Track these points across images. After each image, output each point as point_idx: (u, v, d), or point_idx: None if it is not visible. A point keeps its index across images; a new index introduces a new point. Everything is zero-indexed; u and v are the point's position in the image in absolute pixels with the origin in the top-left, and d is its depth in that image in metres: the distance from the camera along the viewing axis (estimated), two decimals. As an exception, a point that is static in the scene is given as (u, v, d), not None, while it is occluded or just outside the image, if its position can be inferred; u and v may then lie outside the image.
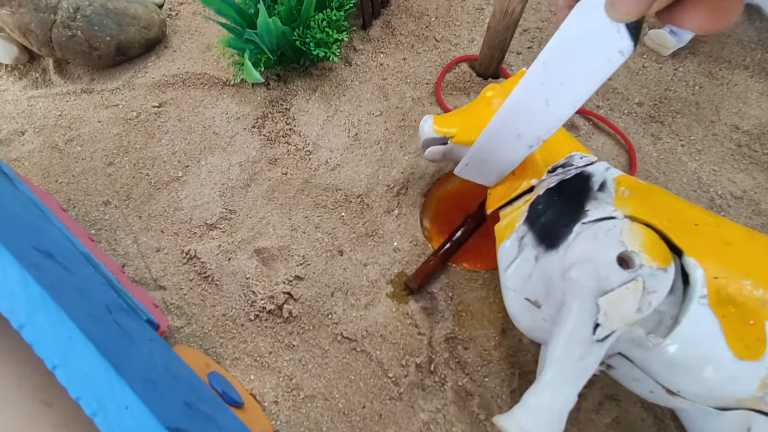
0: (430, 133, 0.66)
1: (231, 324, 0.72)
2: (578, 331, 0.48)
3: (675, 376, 0.50)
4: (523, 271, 0.58)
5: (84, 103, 0.88)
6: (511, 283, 0.59)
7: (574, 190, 0.57)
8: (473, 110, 0.65)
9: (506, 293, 0.60)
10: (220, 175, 0.81)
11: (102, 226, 0.79)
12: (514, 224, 0.60)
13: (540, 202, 0.58)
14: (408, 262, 0.74)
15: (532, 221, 0.58)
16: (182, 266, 0.75)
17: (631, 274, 0.46)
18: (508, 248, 0.60)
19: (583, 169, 0.59)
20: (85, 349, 0.32)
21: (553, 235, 0.55)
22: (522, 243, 0.58)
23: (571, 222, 0.54)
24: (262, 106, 0.85)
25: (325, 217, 0.77)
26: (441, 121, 0.66)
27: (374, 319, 0.71)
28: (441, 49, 0.89)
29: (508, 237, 0.60)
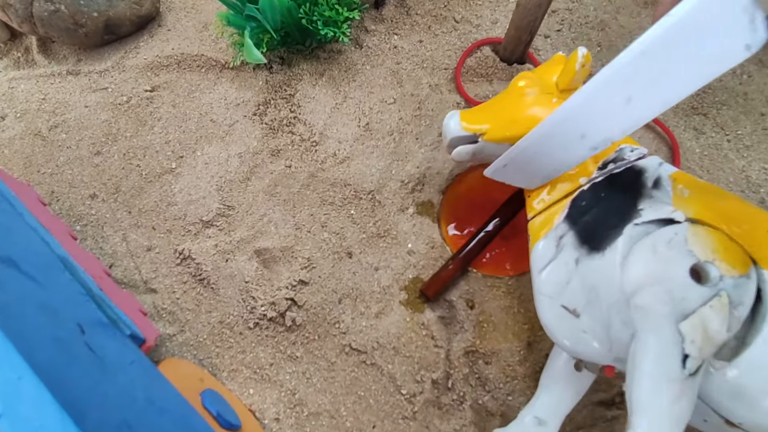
0: (457, 131, 0.58)
1: (228, 332, 0.65)
2: (665, 368, 0.40)
3: (738, 405, 0.43)
4: (560, 275, 0.51)
5: (70, 86, 0.81)
6: (545, 288, 0.52)
7: (625, 186, 0.49)
8: (505, 102, 0.58)
9: (539, 299, 0.53)
10: (217, 167, 0.74)
11: (88, 222, 0.72)
12: (551, 221, 0.53)
13: (584, 198, 0.51)
14: (424, 267, 0.67)
15: (573, 219, 0.51)
16: (175, 267, 0.69)
17: (712, 289, 0.39)
18: (543, 248, 0.53)
19: (634, 163, 0.51)
20: (38, 394, 0.26)
21: (598, 236, 0.48)
22: (560, 243, 0.51)
23: (620, 222, 0.47)
24: (264, 92, 0.78)
25: (333, 216, 0.70)
26: (469, 117, 0.59)
27: (386, 329, 0.64)
28: (461, 31, 0.81)
29: (544, 236, 0.53)
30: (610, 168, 0.52)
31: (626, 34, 0.80)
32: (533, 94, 0.56)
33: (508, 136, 0.56)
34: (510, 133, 0.56)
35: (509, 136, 0.56)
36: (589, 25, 0.81)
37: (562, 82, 0.54)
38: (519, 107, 0.56)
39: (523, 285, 0.66)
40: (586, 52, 0.51)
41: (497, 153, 0.57)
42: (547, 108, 0.55)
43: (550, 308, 0.52)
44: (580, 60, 0.51)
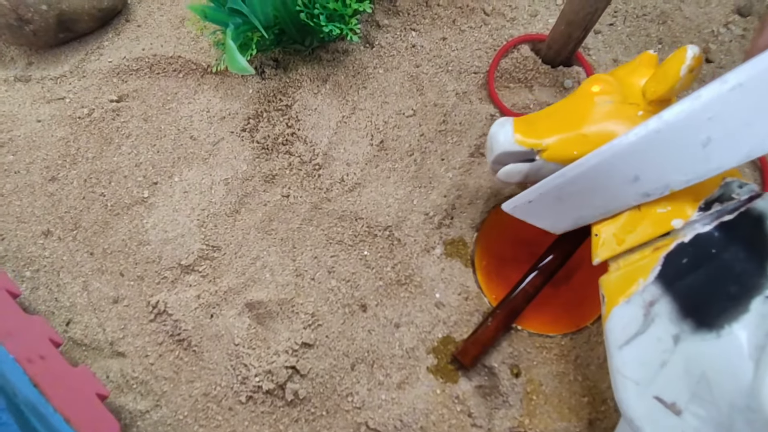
0: (509, 145, 0.45)
1: (215, 407, 0.53)
2: None
3: None
4: (652, 356, 0.39)
5: (18, 96, 0.67)
6: (630, 371, 0.40)
7: (743, 240, 0.37)
8: (572, 112, 0.45)
9: (621, 383, 0.41)
10: (199, 197, 0.60)
11: (40, 266, 0.58)
12: (635, 280, 0.40)
13: (685, 254, 0.38)
14: (456, 323, 0.55)
15: (669, 281, 0.38)
16: (148, 324, 0.56)
17: None
18: (625, 316, 0.40)
19: (748, 205, 0.38)
20: None
21: (709, 309, 0.36)
22: (651, 312, 0.39)
23: (743, 292, 0.35)
24: (254, 103, 0.64)
25: (342, 258, 0.57)
26: (526, 128, 0.46)
27: (411, 403, 0.52)
28: (492, 26, 0.67)
29: (626, 298, 0.41)
30: (715, 209, 0.39)
31: (693, 28, 0.66)
32: (610, 103, 0.43)
33: (575, 156, 0.43)
34: (579, 151, 0.43)
35: (577, 156, 0.43)
36: (647, 17, 0.67)
37: (654, 90, 0.40)
38: (592, 119, 0.43)
39: (579, 345, 0.54)
40: (698, 51, 0.38)
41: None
42: (628, 123, 0.42)
43: (638, 398, 0.39)
44: (688, 62, 0.38)
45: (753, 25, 0.66)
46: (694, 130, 0.36)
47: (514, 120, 0.46)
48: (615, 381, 0.41)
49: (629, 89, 0.43)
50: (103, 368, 0.54)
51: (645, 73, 0.42)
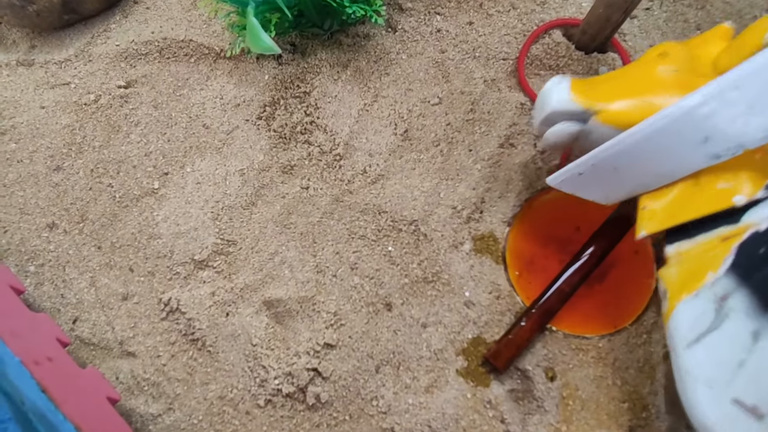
0: (564, 103, 0.42)
1: (232, 411, 0.50)
2: None
3: None
4: (727, 354, 0.36)
5: (21, 81, 0.63)
6: (702, 372, 0.37)
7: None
8: (635, 77, 0.42)
9: (692, 386, 0.38)
10: (212, 189, 0.57)
11: (45, 261, 0.55)
12: (703, 273, 0.37)
13: (763, 244, 0.35)
14: (487, 323, 0.52)
15: (745, 273, 0.36)
16: (160, 323, 0.53)
17: None
18: (693, 311, 0.37)
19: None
20: None
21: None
22: (724, 306, 0.36)
23: None
24: (271, 89, 0.61)
25: (365, 254, 0.54)
26: (582, 88, 0.43)
27: (440, 408, 0.49)
28: (521, 9, 0.63)
29: (692, 292, 0.38)
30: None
31: (734, 13, 0.63)
32: (675, 72, 0.40)
33: (631, 121, 0.40)
34: (639, 116, 0.40)
35: (634, 122, 0.40)
36: (685, 2, 0.64)
37: (730, 60, 0.37)
38: (656, 85, 0.40)
39: (617, 347, 0.51)
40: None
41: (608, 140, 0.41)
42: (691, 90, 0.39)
43: (713, 402, 0.36)
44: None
45: (797, 11, 0.63)
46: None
47: (572, 79, 0.43)
48: (683, 384, 0.38)
49: (699, 60, 0.40)
50: (112, 369, 0.51)
51: (718, 45, 0.39)
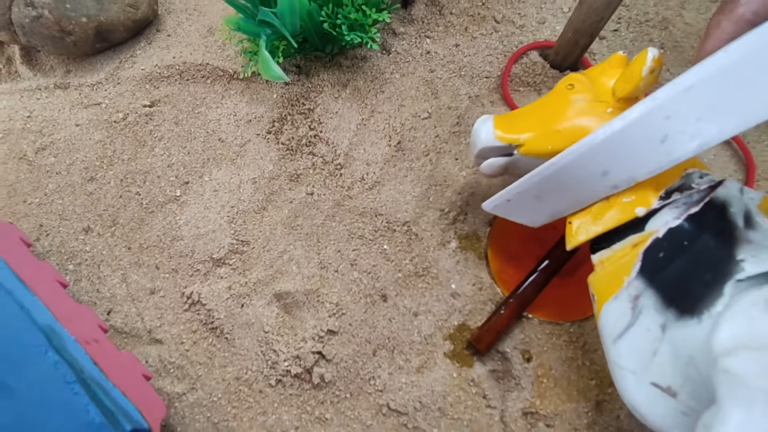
0: (489, 141, 0.49)
1: (247, 390, 0.56)
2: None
3: None
4: (643, 345, 0.42)
5: (58, 102, 0.71)
6: (626, 362, 0.43)
7: (710, 230, 0.40)
8: (548, 109, 0.48)
9: (620, 374, 0.44)
10: (228, 195, 0.64)
11: (82, 260, 0.63)
12: (620, 277, 0.43)
13: (660, 248, 0.41)
14: (471, 312, 0.58)
15: (650, 275, 0.41)
16: (183, 314, 0.60)
17: None
18: (615, 311, 0.43)
19: (711, 195, 0.42)
20: None
21: (689, 297, 0.39)
22: (637, 305, 0.42)
23: (717, 278, 0.38)
24: (279, 106, 0.68)
25: (363, 252, 0.61)
26: (505, 124, 0.49)
27: (429, 386, 0.55)
28: (503, 33, 0.71)
29: (613, 295, 0.43)
30: (675, 198, 0.42)
31: (693, 33, 0.70)
32: (584, 101, 0.46)
33: (549, 150, 0.47)
34: (553, 146, 0.47)
35: (551, 151, 0.46)
36: (650, 23, 0.71)
37: (622, 89, 0.44)
38: (565, 116, 0.47)
39: (586, 332, 0.57)
40: (658, 54, 0.42)
41: (534, 168, 0.48)
42: (599, 119, 0.45)
43: (637, 387, 0.42)
44: (649, 63, 0.41)
45: (751, 31, 0.69)
46: (653, 127, 0.40)
47: (495, 117, 0.50)
48: (614, 373, 0.44)
49: (600, 88, 0.46)
50: (142, 354, 0.58)
51: (615, 74, 0.46)
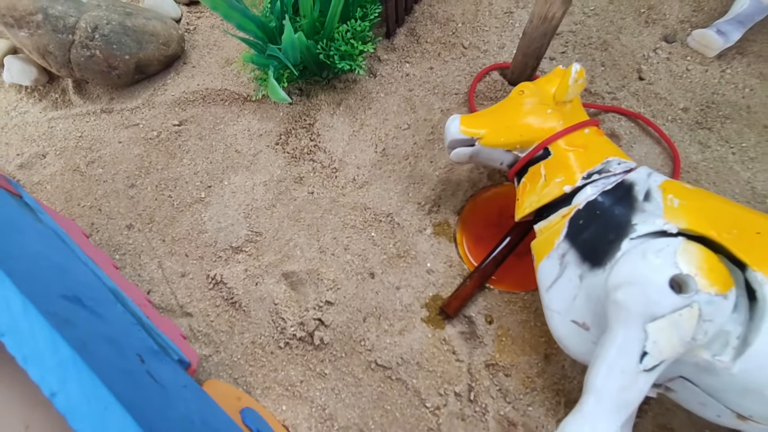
0: (456, 134, 0.63)
1: (260, 352, 0.69)
2: (623, 360, 0.44)
3: (747, 400, 0.46)
4: (567, 292, 0.54)
5: (104, 124, 0.86)
6: (554, 305, 0.55)
7: (617, 202, 0.53)
8: (503, 110, 0.62)
9: (550, 315, 0.56)
10: (244, 196, 0.78)
11: (126, 251, 0.77)
12: (552, 241, 0.56)
13: (581, 217, 0.54)
14: (443, 285, 0.71)
15: (573, 237, 0.54)
16: (208, 292, 0.73)
17: (686, 299, 0.43)
18: (548, 267, 0.56)
19: (624, 177, 0.54)
20: (122, 420, 0.30)
21: (598, 253, 0.52)
22: (564, 261, 0.55)
23: (617, 238, 0.51)
24: (285, 122, 0.83)
25: (355, 238, 0.74)
26: (469, 122, 0.63)
27: (409, 345, 0.68)
28: (469, 57, 0.85)
29: (547, 255, 0.56)
30: (594, 179, 0.55)
31: (628, 54, 0.83)
32: (530, 103, 0.60)
33: (502, 142, 0.60)
34: (504, 139, 0.60)
35: (504, 142, 0.60)
36: (592, 45, 0.84)
37: (558, 94, 0.57)
38: (516, 115, 0.60)
39: (538, 300, 0.69)
40: (579, 68, 0.55)
41: (492, 157, 0.61)
42: (541, 118, 0.59)
43: (561, 323, 0.55)
44: (573, 76, 0.55)
45: (677, 50, 0.83)
46: None
47: (462, 116, 0.63)
48: (547, 315, 0.56)
49: (544, 94, 0.59)
50: (176, 324, 0.71)
51: (555, 83, 0.59)
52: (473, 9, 0.89)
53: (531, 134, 0.60)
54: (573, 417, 0.47)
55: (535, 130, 0.59)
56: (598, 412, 0.46)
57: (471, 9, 0.89)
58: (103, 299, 0.48)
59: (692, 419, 0.62)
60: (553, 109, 0.59)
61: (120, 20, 0.80)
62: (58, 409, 0.30)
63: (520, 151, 0.61)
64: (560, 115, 0.59)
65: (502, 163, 0.64)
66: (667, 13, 0.85)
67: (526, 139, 0.60)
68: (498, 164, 0.64)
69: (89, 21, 0.78)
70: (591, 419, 0.46)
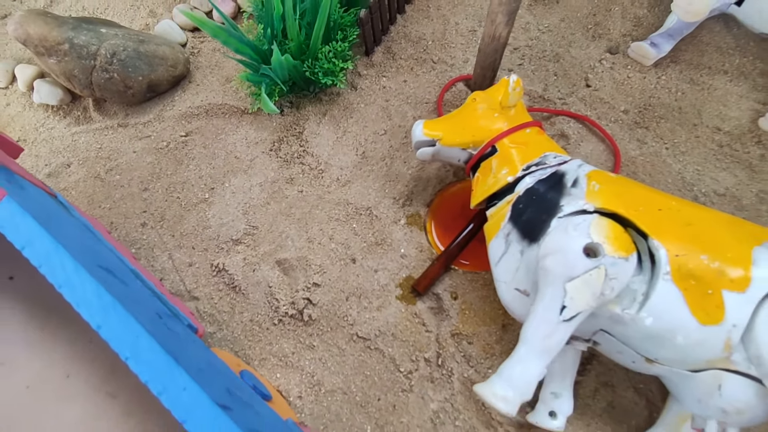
0: (420, 136, 0.74)
1: (257, 328, 0.80)
2: (547, 313, 0.55)
3: (651, 345, 0.57)
4: (511, 265, 0.65)
5: (120, 136, 0.99)
6: (501, 276, 0.66)
7: (550, 188, 0.64)
8: (460, 115, 0.73)
9: (498, 285, 0.67)
10: (242, 195, 0.90)
11: (141, 246, 0.88)
12: (499, 223, 0.67)
13: (521, 202, 0.65)
14: (414, 267, 0.82)
15: (515, 219, 0.65)
16: (212, 278, 0.84)
17: (595, 262, 0.53)
18: (496, 245, 0.67)
19: (558, 167, 0.65)
20: (150, 345, 0.41)
21: (534, 230, 0.62)
22: (508, 239, 0.65)
23: (548, 217, 0.61)
24: (277, 131, 0.94)
25: (338, 229, 0.85)
26: (430, 125, 0.74)
27: (386, 319, 0.78)
28: (438, 70, 0.97)
29: (495, 235, 0.67)
30: (532, 170, 0.66)
31: (577, 64, 0.95)
32: (481, 109, 0.71)
33: (458, 142, 0.72)
34: (460, 139, 0.72)
35: (459, 142, 0.71)
36: (546, 58, 0.96)
37: (502, 101, 0.69)
38: (469, 119, 0.72)
39: (497, 278, 0.80)
40: (516, 78, 0.67)
41: (450, 154, 0.72)
42: (489, 120, 0.70)
43: (507, 291, 0.65)
44: (511, 85, 0.66)
45: (619, 61, 0.94)
46: None
47: (425, 121, 0.75)
48: (496, 286, 0.67)
49: (493, 101, 0.71)
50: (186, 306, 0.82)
51: (502, 91, 0.70)
52: (442, 28, 1.01)
53: (481, 134, 0.71)
54: (508, 361, 0.58)
55: (485, 131, 0.71)
56: (527, 356, 0.56)
57: (440, 28, 1.01)
58: (126, 275, 0.59)
59: (628, 376, 0.72)
60: (499, 113, 0.70)
61: (134, 47, 0.93)
62: (103, 337, 0.41)
63: (473, 149, 0.72)
64: (505, 118, 0.71)
65: (459, 160, 0.75)
66: (611, 28, 0.97)
67: (478, 139, 0.71)
68: (456, 161, 0.75)
69: (108, 48, 0.91)
70: (522, 361, 0.56)
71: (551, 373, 0.69)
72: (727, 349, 0.53)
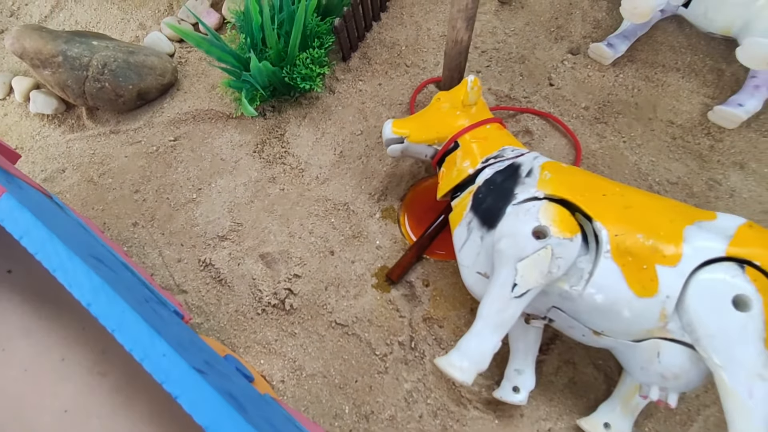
0: (389, 135, 0.80)
1: (242, 318, 0.85)
2: (501, 290, 0.60)
3: (596, 318, 0.62)
4: (472, 250, 0.70)
5: (113, 142, 1.04)
6: (464, 261, 0.72)
7: (506, 178, 0.69)
8: (426, 114, 0.79)
9: (462, 270, 0.72)
10: (227, 195, 0.95)
11: (132, 244, 0.93)
12: (462, 212, 0.72)
13: (480, 192, 0.71)
14: (389, 257, 0.87)
15: (476, 208, 0.70)
16: (200, 273, 0.89)
17: (542, 243, 0.59)
18: (460, 233, 0.72)
19: (514, 159, 0.71)
20: (134, 319, 0.46)
21: (492, 217, 0.68)
22: (470, 227, 0.71)
23: (504, 205, 0.67)
24: (260, 134, 1.00)
25: (318, 224, 0.91)
26: (399, 124, 0.80)
27: (362, 306, 0.83)
28: (411, 74, 1.03)
29: (459, 223, 0.73)
30: (491, 162, 0.72)
31: (541, 65, 1.01)
32: (445, 108, 0.77)
33: (424, 138, 0.77)
34: (425, 136, 0.77)
35: (425, 138, 0.77)
36: (512, 59, 1.02)
37: (463, 100, 0.75)
38: (433, 117, 0.78)
39: (466, 266, 0.85)
40: (474, 78, 0.72)
41: (418, 150, 0.78)
42: (452, 118, 0.76)
43: (469, 275, 0.71)
44: (469, 85, 0.72)
45: (580, 61, 1.00)
46: None
47: (394, 120, 0.81)
48: (460, 270, 0.72)
49: (456, 100, 0.76)
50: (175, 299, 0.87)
51: (464, 90, 0.76)
52: (414, 34, 1.07)
53: (445, 131, 0.77)
54: (466, 335, 0.63)
55: (448, 127, 0.77)
56: (483, 330, 0.62)
57: (413, 34, 1.07)
58: (117, 266, 0.64)
59: (589, 354, 0.78)
60: (461, 111, 0.76)
61: (124, 58, 0.99)
62: (93, 314, 0.46)
63: (438, 145, 0.78)
64: (467, 115, 0.76)
65: (426, 155, 0.81)
66: (573, 31, 1.03)
67: (442, 136, 0.77)
68: (424, 156, 0.81)
69: (100, 59, 0.97)
70: (477, 335, 0.62)
71: (515, 351, 0.74)
72: (662, 318, 0.58)
